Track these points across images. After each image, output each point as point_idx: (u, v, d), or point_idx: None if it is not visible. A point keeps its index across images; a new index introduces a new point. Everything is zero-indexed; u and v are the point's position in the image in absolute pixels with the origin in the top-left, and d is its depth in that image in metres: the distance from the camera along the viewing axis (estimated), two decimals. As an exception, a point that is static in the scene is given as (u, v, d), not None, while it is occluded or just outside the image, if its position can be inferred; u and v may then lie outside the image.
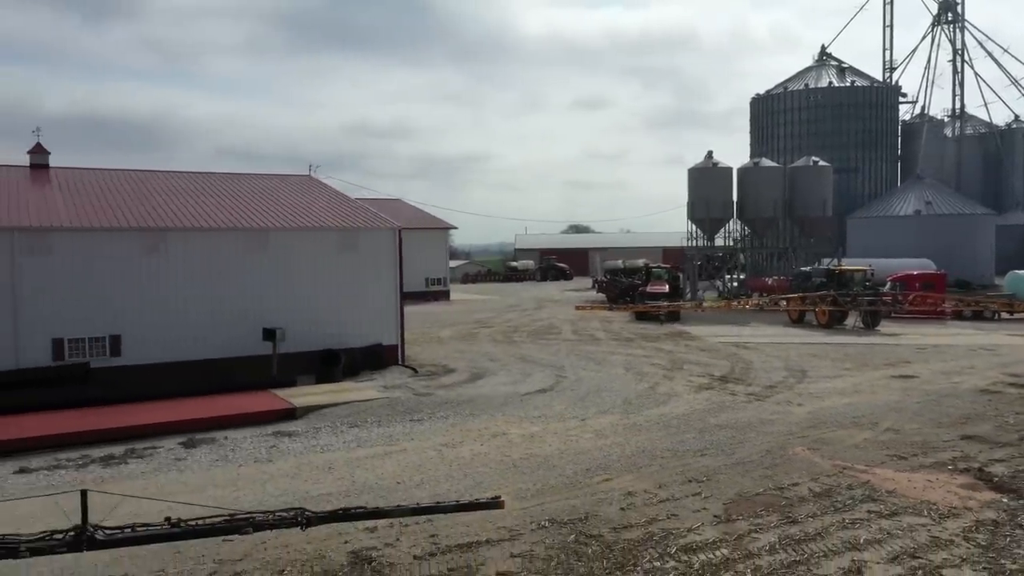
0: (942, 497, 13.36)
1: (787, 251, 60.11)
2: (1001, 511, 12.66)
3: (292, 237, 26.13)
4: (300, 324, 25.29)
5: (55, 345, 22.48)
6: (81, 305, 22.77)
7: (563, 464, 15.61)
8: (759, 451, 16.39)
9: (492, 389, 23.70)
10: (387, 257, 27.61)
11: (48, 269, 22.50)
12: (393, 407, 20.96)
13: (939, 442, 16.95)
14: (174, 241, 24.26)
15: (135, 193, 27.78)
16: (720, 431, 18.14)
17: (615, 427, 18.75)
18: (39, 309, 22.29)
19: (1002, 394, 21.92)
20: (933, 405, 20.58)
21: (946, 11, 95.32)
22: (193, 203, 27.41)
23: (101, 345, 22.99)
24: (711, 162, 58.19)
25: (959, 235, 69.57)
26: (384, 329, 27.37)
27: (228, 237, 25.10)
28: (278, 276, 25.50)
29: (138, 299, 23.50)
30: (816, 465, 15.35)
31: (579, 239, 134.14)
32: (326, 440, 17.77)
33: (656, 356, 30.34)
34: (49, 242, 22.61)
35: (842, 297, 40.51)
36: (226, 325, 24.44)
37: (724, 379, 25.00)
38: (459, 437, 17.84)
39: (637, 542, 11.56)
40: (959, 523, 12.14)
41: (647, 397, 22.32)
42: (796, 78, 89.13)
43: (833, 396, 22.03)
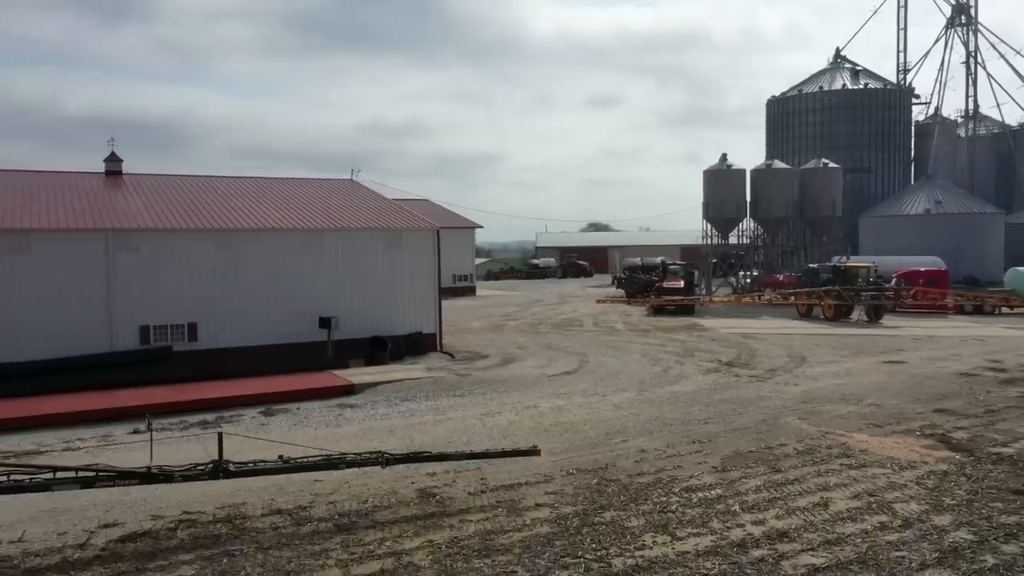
0: (905, 454, 15.74)
1: (798, 249, 62.05)
2: (952, 464, 15.02)
3: (344, 237, 28.91)
4: (351, 314, 28.06)
5: (142, 331, 25.42)
6: (163, 296, 25.68)
7: (587, 429, 18.17)
8: (755, 420, 18.83)
9: (522, 371, 26.33)
10: (427, 254, 30.36)
11: (136, 265, 25.43)
12: (437, 385, 23.67)
13: (913, 414, 19.28)
14: (242, 241, 27.13)
15: (203, 197, 30.69)
16: (723, 405, 20.59)
17: (631, 402, 21.27)
18: (128, 300, 25.22)
19: (979, 377, 24.13)
20: (915, 385, 22.87)
21: (959, 14, 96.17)
22: (255, 206, 30.28)
23: (181, 331, 25.91)
24: (725, 164, 60.32)
25: (968, 233, 71.05)
26: (424, 319, 30.10)
27: (289, 237, 27.94)
28: (332, 271, 28.28)
29: (211, 291, 26.37)
30: (803, 431, 17.77)
31: (598, 237, 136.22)
32: (383, 411, 20.48)
33: (670, 345, 32.76)
34: (137, 241, 25.55)
35: (846, 292, 42.60)
36: (287, 314, 27.24)
37: (730, 364, 27.40)
38: (496, 408, 20.47)
39: (648, 484, 14.09)
40: (914, 472, 14.53)
41: (660, 378, 24.80)
42: (811, 80, 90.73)
43: (827, 378, 24.37)
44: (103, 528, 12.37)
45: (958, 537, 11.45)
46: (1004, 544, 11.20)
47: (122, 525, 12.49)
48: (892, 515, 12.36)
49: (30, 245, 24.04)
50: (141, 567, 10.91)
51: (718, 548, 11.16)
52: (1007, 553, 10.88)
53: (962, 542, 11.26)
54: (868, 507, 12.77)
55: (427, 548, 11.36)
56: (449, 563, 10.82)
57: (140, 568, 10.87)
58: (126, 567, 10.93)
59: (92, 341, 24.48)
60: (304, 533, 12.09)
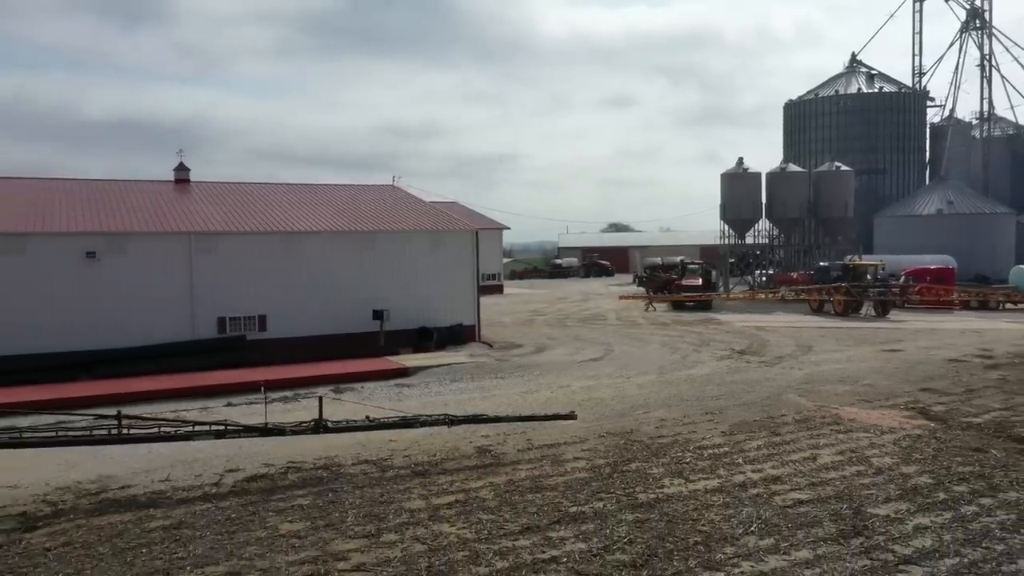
0: (887, 423, 18.18)
1: (812, 248, 64.06)
2: (926, 431, 17.43)
3: (394, 238, 31.76)
4: (400, 307, 30.87)
5: (219, 322, 28.44)
6: (237, 291, 28.67)
7: (614, 403, 20.79)
8: (761, 397, 21.33)
9: (554, 358, 29.00)
10: (467, 253, 33.15)
11: (213, 264, 28.43)
12: (480, 368, 26.41)
13: (901, 392, 21.66)
14: (305, 241, 30.08)
15: (265, 202, 33.70)
16: (733, 385, 23.10)
17: (652, 382, 23.84)
18: (207, 295, 28.23)
19: (967, 363, 26.36)
20: (907, 369, 25.19)
21: (974, 18, 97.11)
22: (312, 210, 33.23)
23: (252, 322, 28.89)
24: (742, 168, 62.52)
25: (979, 233, 72.39)
26: (464, 312, 32.88)
27: (345, 238, 30.85)
28: (383, 269, 31.12)
29: (278, 287, 29.31)
30: (802, 406, 20.24)
31: (619, 238, 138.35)
32: (436, 389, 23.25)
33: (688, 336, 35.23)
34: (214, 243, 28.57)
35: (855, 288, 44.70)
36: (343, 307, 30.11)
37: (743, 352, 29.84)
38: (535, 387, 23.15)
39: (667, 444, 16.69)
40: (892, 436, 16.97)
41: (678, 364, 27.33)
42: (827, 84, 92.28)
43: (828, 364, 26.74)
44: (229, 472, 15.24)
45: (919, 481, 13.93)
46: (956, 485, 13.66)
47: (243, 470, 15.35)
48: (868, 465, 14.86)
49: (126, 246, 27.13)
50: (266, 499, 13.73)
51: (723, 487, 13.75)
52: (957, 491, 13.36)
53: (922, 484, 13.75)
54: (849, 460, 15.27)
55: (489, 487, 14.07)
56: (507, 497, 13.52)
57: (265, 499, 13.69)
58: (254, 498, 13.76)
59: (177, 330, 27.53)
60: (388, 477, 14.86)
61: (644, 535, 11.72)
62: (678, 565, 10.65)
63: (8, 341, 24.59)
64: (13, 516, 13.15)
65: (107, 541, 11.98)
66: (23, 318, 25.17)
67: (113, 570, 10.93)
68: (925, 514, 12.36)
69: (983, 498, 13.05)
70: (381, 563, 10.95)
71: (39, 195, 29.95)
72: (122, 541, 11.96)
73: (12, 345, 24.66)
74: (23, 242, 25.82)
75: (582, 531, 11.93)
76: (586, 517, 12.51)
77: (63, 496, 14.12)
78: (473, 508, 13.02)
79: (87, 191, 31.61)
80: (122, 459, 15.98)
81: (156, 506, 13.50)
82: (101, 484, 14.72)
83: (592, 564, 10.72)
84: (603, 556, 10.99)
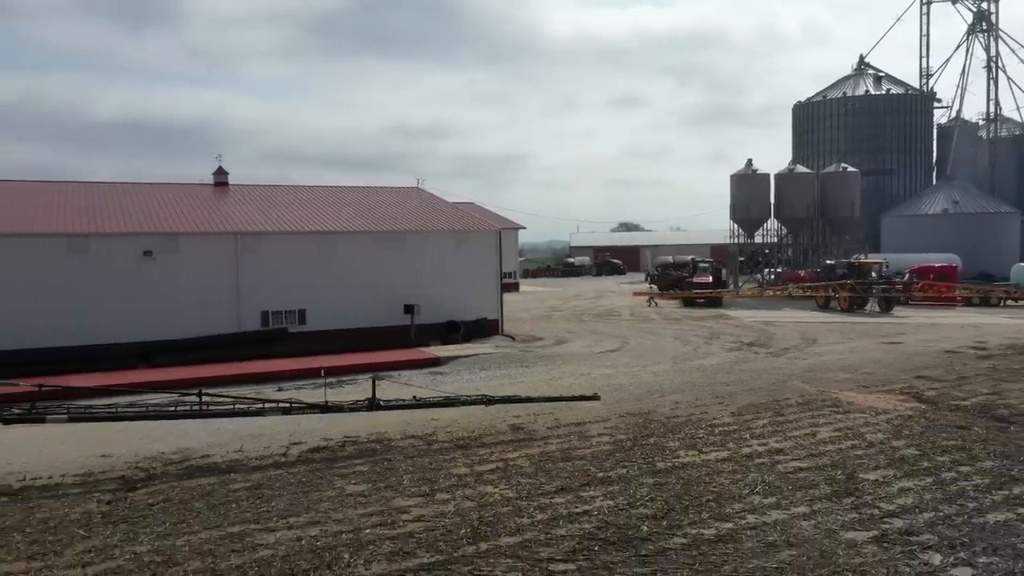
0: (882, 405, 19.77)
1: (819, 247, 65.40)
2: (917, 412, 19.01)
3: (422, 237, 33.57)
4: (429, 302, 32.64)
5: (263, 316, 30.34)
6: (278, 287, 30.54)
7: (631, 388, 22.47)
8: (767, 383, 22.94)
9: (574, 349, 30.70)
10: (490, 252, 34.91)
11: (257, 261, 30.32)
12: (506, 358, 28.16)
13: (897, 379, 23.22)
14: (341, 241, 31.92)
15: (300, 204, 35.58)
16: (742, 373, 24.72)
17: (667, 371, 25.50)
18: (252, 290, 30.13)
19: (962, 354, 27.85)
20: (904, 359, 26.72)
21: (980, 20, 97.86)
22: (344, 211, 35.09)
23: (293, 316, 30.77)
24: (751, 169, 63.97)
25: (984, 232, 73.42)
26: (488, 306, 34.64)
27: (378, 238, 32.67)
28: (413, 266, 32.92)
29: (316, 283, 31.17)
30: (805, 391, 21.85)
31: (630, 237, 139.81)
32: (467, 376, 25.01)
33: (699, 330, 36.83)
34: (258, 242, 30.46)
35: (859, 285, 46.12)
36: (376, 302, 31.93)
37: (751, 344, 31.42)
38: (558, 374, 24.87)
39: (681, 422, 18.37)
40: (886, 416, 18.57)
41: (691, 355, 28.97)
42: (835, 86, 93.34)
43: (832, 355, 28.30)
44: (293, 445, 17.06)
45: (906, 452, 15.56)
46: (939, 456, 15.27)
47: (305, 443, 17.16)
48: (861, 440, 16.49)
49: (178, 245, 29.08)
50: (329, 466, 15.52)
51: (732, 457, 15.42)
52: (939, 461, 14.97)
53: (908, 455, 15.37)
54: (845, 436, 16.90)
55: (524, 457, 15.81)
56: (542, 464, 15.25)
57: (329, 467, 15.48)
58: (319, 466, 15.56)
59: (224, 323, 29.43)
60: (434, 449, 16.63)
61: (663, 494, 13.42)
62: (693, 517, 12.35)
63: (74, 333, 26.54)
64: (114, 479, 15.02)
65: (200, 499, 13.81)
66: (87, 312, 27.12)
67: (210, 521, 12.74)
68: (909, 479, 13.99)
69: (962, 466, 14.66)
70: (438, 516, 12.71)
71: (95, 198, 31.94)
72: (212, 499, 13.78)
73: (77, 336, 26.60)
74: (86, 242, 27.80)
75: (609, 491, 13.65)
76: (612, 481, 14.22)
77: (152, 464, 15.98)
78: (512, 473, 14.77)
79: (136, 194, 33.57)
80: (196, 434, 17.83)
81: (235, 471, 15.33)
82: (183, 455, 16.57)
83: (619, 516, 12.44)
84: (628, 510, 12.70)
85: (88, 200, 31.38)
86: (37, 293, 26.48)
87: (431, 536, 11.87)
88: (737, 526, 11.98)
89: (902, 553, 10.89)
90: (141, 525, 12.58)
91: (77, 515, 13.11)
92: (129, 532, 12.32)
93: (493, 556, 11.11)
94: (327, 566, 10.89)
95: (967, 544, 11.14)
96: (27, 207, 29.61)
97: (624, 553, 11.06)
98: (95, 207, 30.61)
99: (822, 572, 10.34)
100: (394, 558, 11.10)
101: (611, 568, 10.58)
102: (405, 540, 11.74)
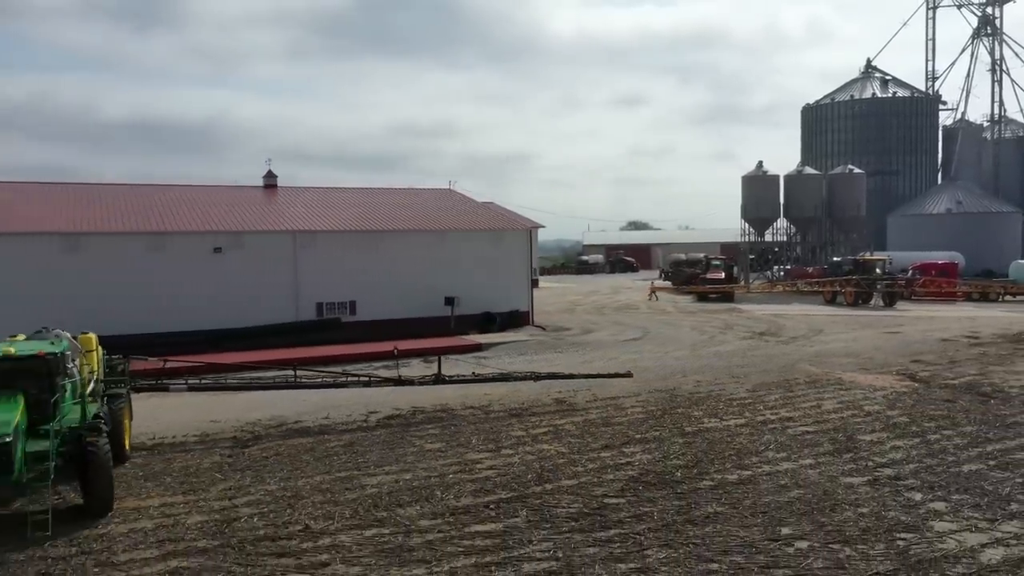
0: (880, 383, 22.07)
1: (826, 245, 67.42)
2: (910, 389, 21.32)
3: (461, 235, 36.06)
4: (466, 294, 35.06)
5: (318, 306, 32.90)
6: (332, 281, 33.07)
7: (656, 370, 24.87)
8: (778, 366, 25.28)
9: (600, 338, 33.12)
10: (523, 248, 37.39)
11: (313, 257, 32.88)
12: (541, 344, 30.63)
13: (895, 362, 25.50)
14: (388, 239, 34.46)
15: (346, 205, 38.16)
16: (754, 358, 27.05)
17: (687, 356, 27.87)
18: (308, 283, 32.68)
19: (955, 342, 30.05)
20: (903, 347, 28.96)
21: (985, 24, 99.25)
22: (386, 211, 37.63)
23: (345, 307, 33.32)
24: (761, 171, 66.07)
25: (986, 231, 75.09)
26: (520, 299, 37.09)
27: (421, 236, 35.20)
28: (452, 262, 35.34)
29: (365, 277, 33.66)
30: (811, 372, 24.17)
31: (641, 235, 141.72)
32: (508, 360, 27.47)
33: (713, 322, 39.13)
34: (313, 239, 33.05)
35: (864, 281, 48.22)
36: (419, 295, 34.39)
37: (762, 334, 33.72)
38: (589, 358, 27.29)
39: (703, 396, 20.76)
40: (883, 392, 20.89)
41: (707, 343, 31.31)
42: (843, 89, 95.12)
43: (836, 343, 30.56)
44: (371, 413, 19.58)
45: (899, 420, 17.89)
46: (926, 423, 17.60)
47: (380, 412, 19.68)
48: (860, 410, 18.84)
49: (243, 242, 31.70)
50: (405, 430, 18.03)
51: (748, 423, 17.82)
52: (926, 426, 17.30)
53: (899, 421, 17.71)
54: (846, 407, 19.26)
55: (570, 423, 18.27)
56: (586, 428, 17.70)
57: (405, 430, 17.99)
58: (396, 430, 18.06)
59: (284, 313, 32.00)
60: (492, 417, 19.11)
61: (692, 450, 15.85)
62: (718, 467, 14.76)
63: (153, 322, 29.14)
64: (227, 439, 17.59)
65: (305, 453, 16.35)
66: (164, 303, 29.74)
67: (320, 468, 15.27)
68: (900, 439, 16.34)
69: (946, 430, 16.98)
70: (506, 465, 15.18)
71: (166, 199, 34.66)
72: (316, 453, 16.32)
73: (156, 325, 29.18)
74: (163, 240, 30.48)
75: (646, 448, 16.09)
76: (648, 440, 16.67)
77: (254, 428, 18.54)
78: (562, 435, 17.23)
79: (201, 196, 36.25)
80: (285, 405, 20.38)
81: (327, 434, 17.87)
82: (278, 420, 19.13)
83: (657, 466, 14.87)
84: (664, 462, 15.13)
85: (164, 201, 34.10)
86: (124, 287, 29.11)
87: (504, 479, 14.35)
88: (755, 473, 14.39)
89: (890, 492, 13.26)
90: (264, 471, 15.14)
91: (208, 464, 15.69)
92: (256, 476, 14.88)
93: (557, 493, 13.57)
94: (425, 499, 13.39)
95: (944, 486, 13.48)
96: (111, 209, 32.36)
97: (663, 491, 13.50)
98: (169, 208, 33.30)
99: (824, 505, 12.71)
100: (477, 494, 13.59)
101: (654, 502, 13.01)
102: (483, 482, 14.23)
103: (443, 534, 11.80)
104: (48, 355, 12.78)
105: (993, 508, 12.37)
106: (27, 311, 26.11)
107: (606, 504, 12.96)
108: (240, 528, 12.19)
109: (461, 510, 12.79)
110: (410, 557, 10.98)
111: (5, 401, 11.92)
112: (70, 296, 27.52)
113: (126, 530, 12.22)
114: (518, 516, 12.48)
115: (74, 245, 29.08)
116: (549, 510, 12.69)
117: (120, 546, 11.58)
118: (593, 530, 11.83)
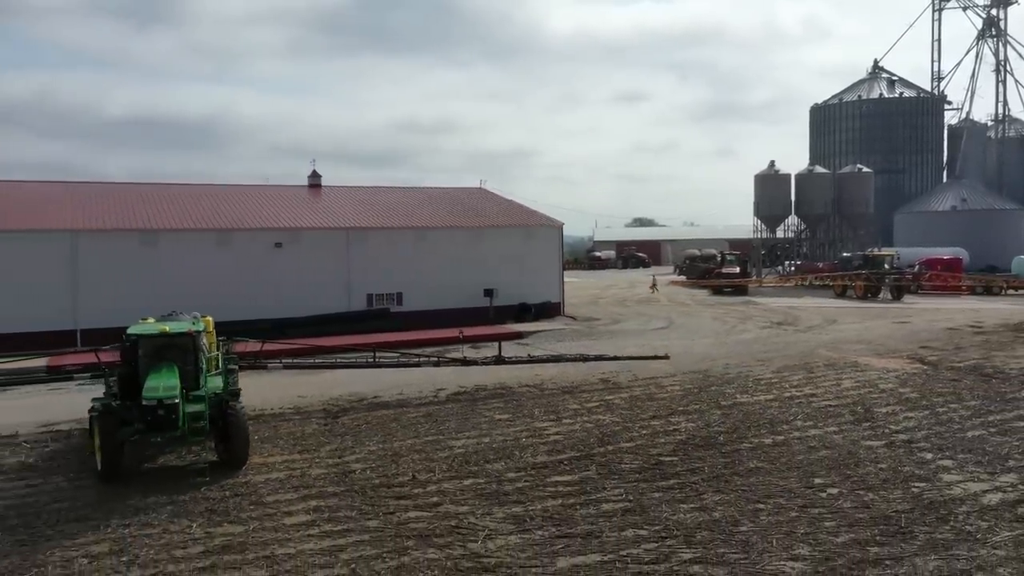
0: (892, 366, 24.05)
1: (836, 241, 69.19)
2: (920, 370, 23.29)
3: (498, 231, 38.18)
4: (503, 286, 37.18)
5: (368, 298, 35.08)
6: (381, 274, 35.24)
7: (686, 355, 26.90)
8: (798, 352, 27.28)
9: (629, 327, 35.17)
10: (554, 243, 39.50)
11: (364, 252, 35.06)
12: (576, 332, 32.72)
13: (905, 348, 27.44)
14: (431, 235, 36.62)
15: (387, 202, 40.30)
16: (776, 344, 29.05)
17: (712, 343, 29.90)
18: (359, 275, 34.85)
19: (960, 331, 31.94)
20: (911, 335, 30.89)
21: (990, 26, 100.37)
22: (426, 209, 39.77)
23: (392, 298, 35.50)
24: (773, 170, 67.88)
25: (991, 228, 76.55)
26: (552, 291, 39.18)
27: (461, 232, 37.35)
28: (490, 256, 37.45)
29: (411, 270, 35.81)
30: (829, 356, 26.16)
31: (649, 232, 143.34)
32: (549, 345, 29.56)
33: (732, 313, 41.10)
34: (364, 236, 35.22)
35: (873, 275, 50.02)
36: (460, 287, 36.51)
37: (780, 323, 35.68)
38: (623, 344, 29.35)
39: (733, 377, 22.80)
40: (895, 373, 22.87)
41: (729, 331, 33.32)
42: (851, 89, 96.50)
43: (849, 331, 32.50)
44: (439, 390, 21.72)
45: (910, 395, 19.90)
46: (934, 398, 19.61)
47: (447, 389, 21.81)
48: (875, 388, 20.85)
49: (301, 238, 33.91)
50: (472, 404, 20.16)
51: (777, 399, 19.86)
52: (934, 401, 19.30)
53: (911, 397, 19.72)
54: (863, 386, 21.27)
55: (618, 399, 20.35)
56: (634, 402, 19.79)
57: (472, 404, 20.11)
58: (464, 404, 20.19)
59: (337, 303, 34.20)
60: (547, 393, 21.22)
61: (730, 420, 17.92)
62: (754, 433, 16.82)
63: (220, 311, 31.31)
64: (319, 411, 19.77)
65: (390, 423, 18.50)
66: (229, 294, 31.96)
67: (409, 433, 17.42)
68: (912, 411, 18.36)
69: (952, 404, 18.98)
70: (570, 431, 17.29)
71: (230, 197, 36.92)
72: (401, 422, 18.47)
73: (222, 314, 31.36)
74: (230, 237, 32.72)
75: (689, 418, 18.17)
76: (690, 412, 18.75)
77: (339, 402, 20.71)
78: (613, 408, 19.33)
79: (258, 194, 38.48)
80: (362, 383, 22.48)
81: (404, 407, 20.02)
82: (358, 396, 21.28)
83: (701, 432, 16.95)
84: (707, 428, 17.21)
85: (228, 198, 36.40)
86: (194, 278, 31.35)
87: (570, 442, 16.47)
88: (787, 438, 16.45)
89: (905, 452, 15.29)
90: (361, 436, 17.30)
91: (311, 430, 17.87)
92: (356, 439, 17.04)
93: (618, 453, 15.67)
94: (507, 457, 15.51)
95: (951, 448, 15.51)
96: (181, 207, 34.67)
97: (709, 451, 15.58)
98: (233, 205, 35.57)
99: (849, 462, 14.76)
100: (551, 453, 15.71)
101: (703, 459, 15.09)
102: (553, 444, 16.34)
103: (529, 483, 13.92)
104: (195, 332, 14.97)
105: (993, 464, 14.39)
106: (114, 299, 28.55)
107: (662, 461, 15.05)
108: (357, 479, 14.35)
109: (540, 465, 14.91)
110: (507, 499, 13.10)
111: (168, 370, 14.12)
112: (149, 285, 29.80)
113: (263, 479, 14.40)
114: (589, 470, 14.59)
115: (152, 240, 31.37)
116: (614, 465, 14.80)
117: (264, 490, 13.76)
118: (655, 480, 13.93)
